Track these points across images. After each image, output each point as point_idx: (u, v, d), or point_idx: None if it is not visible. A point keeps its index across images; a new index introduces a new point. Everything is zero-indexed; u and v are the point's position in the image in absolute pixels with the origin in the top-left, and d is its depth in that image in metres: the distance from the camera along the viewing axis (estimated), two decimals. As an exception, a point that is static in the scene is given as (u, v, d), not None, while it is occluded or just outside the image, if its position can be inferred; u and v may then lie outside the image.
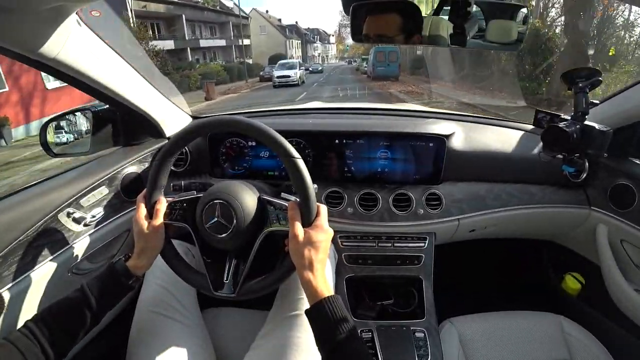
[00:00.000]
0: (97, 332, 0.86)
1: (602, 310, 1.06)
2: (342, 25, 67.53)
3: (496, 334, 0.88)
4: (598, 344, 0.86)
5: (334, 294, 0.58)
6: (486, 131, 1.13)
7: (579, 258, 1.17)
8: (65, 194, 0.78)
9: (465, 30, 0.71)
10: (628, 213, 0.93)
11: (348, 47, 73.50)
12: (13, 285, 0.67)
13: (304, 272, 0.59)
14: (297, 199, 0.63)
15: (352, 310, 1.02)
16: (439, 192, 1.04)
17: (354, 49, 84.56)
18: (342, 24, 65.12)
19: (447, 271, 1.15)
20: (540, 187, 1.06)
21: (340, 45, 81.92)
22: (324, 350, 0.55)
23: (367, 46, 22.19)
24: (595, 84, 0.82)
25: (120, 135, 1.00)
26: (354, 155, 1.05)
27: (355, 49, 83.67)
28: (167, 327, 0.72)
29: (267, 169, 1.08)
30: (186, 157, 1.07)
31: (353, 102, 7.66)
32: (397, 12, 0.69)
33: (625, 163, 0.96)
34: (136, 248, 0.66)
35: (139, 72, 0.90)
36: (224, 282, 0.67)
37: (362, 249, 1.08)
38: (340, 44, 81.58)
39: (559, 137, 0.82)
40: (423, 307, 1.02)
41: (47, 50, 0.62)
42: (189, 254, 0.87)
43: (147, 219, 0.67)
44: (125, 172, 0.93)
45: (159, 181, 0.68)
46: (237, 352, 0.77)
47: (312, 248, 0.59)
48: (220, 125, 0.67)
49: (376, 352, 0.91)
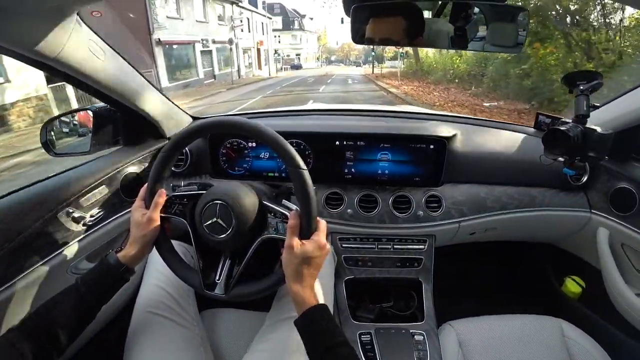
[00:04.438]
0: (95, 333, 0.85)
1: (602, 313, 1.05)
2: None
3: (496, 337, 0.87)
4: (598, 348, 0.85)
5: (322, 303, 0.58)
6: (487, 134, 1.13)
7: (580, 261, 1.16)
8: (65, 193, 0.78)
9: (466, 33, 0.71)
10: (629, 217, 0.92)
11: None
12: (12, 284, 0.67)
13: (293, 283, 0.59)
14: (298, 209, 0.63)
15: (352, 312, 1.01)
16: (439, 195, 1.04)
17: (346, 47, 70.89)
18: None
19: (446, 274, 1.14)
20: (541, 190, 1.06)
21: (324, 40, 63.97)
22: (312, 358, 0.55)
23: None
24: (596, 87, 0.81)
25: (120, 136, 1.00)
26: (354, 157, 1.04)
27: (348, 49, 70.34)
28: (164, 328, 0.72)
29: (267, 170, 1.08)
30: (186, 157, 1.07)
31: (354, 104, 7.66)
32: (399, 14, 0.69)
33: (626, 166, 0.96)
34: (130, 238, 0.66)
35: (139, 72, 0.90)
36: (215, 281, 0.67)
37: (361, 250, 1.07)
38: (324, 38, 63.88)
39: (560, 140, 0.82)
40: (422, 310, 1.02)
41: (47, 50, 0.62)
42: (188, 255, 0.87)
43: (144, 210, 0.67)
44: (125, 172, 0.93)
45: (162, 173, 0.68)
46: (235, 353, 0.77)
47: (305, 261, 0.59)
48: (233, 127, 0.66)
49: (375, 354, 0.90)
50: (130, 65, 0.86)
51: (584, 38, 6.38)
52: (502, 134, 1.14)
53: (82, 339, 0.69)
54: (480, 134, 1.11)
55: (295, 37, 46.29)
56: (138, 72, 0.90)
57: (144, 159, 1.00)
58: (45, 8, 0.55)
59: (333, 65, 61.60)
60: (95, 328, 0.85)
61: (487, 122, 1.21)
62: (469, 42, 0.73)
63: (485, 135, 1.11)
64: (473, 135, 1.09)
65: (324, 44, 65.77)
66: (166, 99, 1.04)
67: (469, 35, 0.73)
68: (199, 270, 0.67)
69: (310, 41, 52.05)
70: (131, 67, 0.87)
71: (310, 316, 0.56)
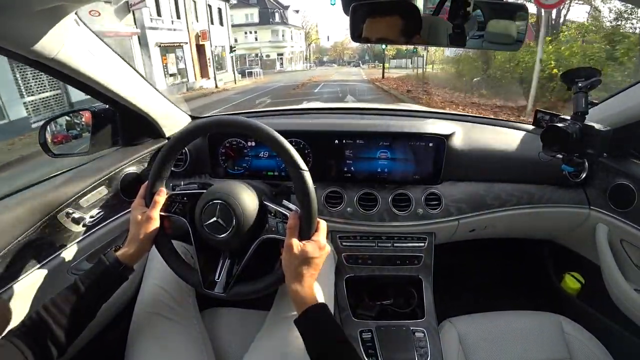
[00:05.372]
0: (96, 333, 0.86)
1: (601, 309, 1.06)
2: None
3: (496, 333, 0.88)
4: (597, 344, 0.86)
5: (321, 302, 0.58)
6: (486, 131, 1.13)
7: (579, 258, 1.17)
8: (65, 194, 0.77)
9: (465, 30, 0.71)
10: (628, 213, 0.93)
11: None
12: (12, 285, 0.67)
13: (293, 283, 0.59)
14: (298, 210, 0.63)
15: (352, 310, 1.02)
16: (438, 192, 1.04)
17: (339, 46, 61.57)
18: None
19: (446, 271, 1.15)
20: (540, 187, 1.06)
21: (314, 36, 50.43)
22: (312, 356, 0.56)
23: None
24: (594, 84, 0.81)
25: (120, 136, 1.00)
26: (354, 155, 1.04)
27: (341, 48, 61.71)
28: (165, 328, 0.72)
29: (267, 169, 1.08)
30: (186, 157, 1.07)
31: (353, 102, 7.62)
32: (398, 12, 0.69)
33: (625, 163, 0.96)
34: (129, 236, 0.66)
35: (138, 72, 0.90)
36: (215, 280, 0.67)
37: (361, 249, 1.07)
38: (314, 35, 50.17)
39: (558, 137, 0.82)
40: (423, 307, 1.02)
41: (46, 50, 0.62)
42: (188, 254, 0.87)
43: (144, 208, 0.67)
44: (125, 172, 0.93)
45: (162, 172, 0.68)
46: (236, 352, 0.77)
47: (305, 262, 0.59)
48: (232, 127, 0.66)
49: (376, 352, 0.91)
50: (129, 65, 0.86)
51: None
52: (500, 131, 1.14)
53: (83, 338, 0.69)
54: (479, 132, 1.11)
55: (277, 34, 35.08)
56: (137, 72, 0.90)
57: (144, 159, 1.00)
58: (43, 8, 0.55)
59: (325, 66, 53.49)
60: (96, 328, 0.85)
61: (486, 120, 1.22)
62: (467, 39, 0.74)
63: (484, 133, 1.12)
64: (472, 132, 1.09)
65: (315, 41, 53.66)
66: (165, 98, 1.04)
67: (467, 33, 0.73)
68: (199, 269, 0.67)
69: (296, 38, 40.18)
70: (130, 67, 0.86)
71: (309, 315, 0.56)
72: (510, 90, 8.35)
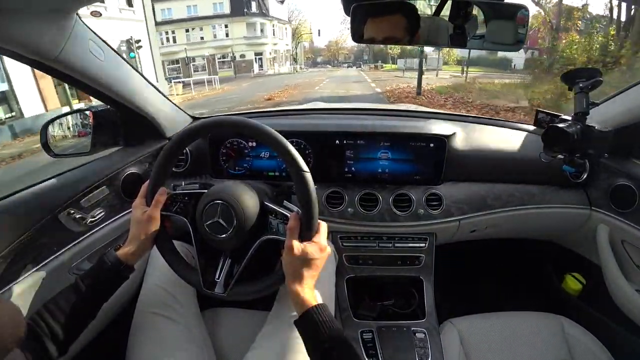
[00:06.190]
0: (96, 333, 0.86)
1: (602, 310, 1.05)
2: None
3: (497, 334, 0.88)
4: (599, 345, 0.86)
5: (321, 303, 0.58)
6: (487, 132, 1.13)
7: (580, 258, 1.17)
8: (66, 195, 0.78)
9: (465, 31, 0.71)
10: (629, 213, 0.92)
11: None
12: (13, 285, 0.67)
13: (293, 283, 0.59)
14: (299, 211, 0.63)
15: (353, 310, 1.02)
16: (439, 193, 1.04)
17: (333, 45, 54.17)
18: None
19: (447, 271, 1.15)
20: (541, 188, 1.06)
21: (303, 32, 42.36)
22: (312, 357, 0.56)
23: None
24: (595, 85, 0.81)
25: (121, 136, 1.00)
26: (355, 156, 1.04)
27: (335, 48, 54.62)
28: (166, 328, 0.72)
29: (267, 169, 1.08)
30: (186, 157, 1.07)
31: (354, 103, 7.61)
32: (399, 13, 0.69)
33: (626, 163, 0.96)
34: (129, 235, 0.66)
35: (140, 72, 0.90)
36: (216, 280, 0.67)
37: (362, 249, 1.07)
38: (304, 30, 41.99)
39: (559, 138, 0.82)
40: (424, 308, 1.02)
41: (47, 51, 0.62)
42: (188, 254, 0.87)
43: (145, 207, 0.67)
44: (126, 172, 0.93)
45: (164, 171, 0.68)
46: (237, 352, 0.77)
47: (305, 263, 0.59)
48: (234, 127, 0.66)
49: (377, 352, 0.91)
50: (130, 65, 0.86)
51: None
52: (501, 132, 1.14)
53: (84, 338, 0.69)
54: (480, 132, 1.11)
55: (253, 28, 26.87)
56: (138, 73, 0.90)
57: (145, 159, 1.00)
58: (44, 9, 0.55)
59: (319, 67, 45.55)
60: (97, 328, 0.85)
61: (487, 120, 1.21)
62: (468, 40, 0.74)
63: (484, 133, 1.11)
64: (473, 133, 1.09)
65: (305, 38, 44.95)
66: (166, 99, 1.04)
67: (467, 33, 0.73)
68: (199, 269, 0.67)
69: (280, 34, 31.96)
70: (131, 67, 0.87)
71: (310, 316, 0.56)
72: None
